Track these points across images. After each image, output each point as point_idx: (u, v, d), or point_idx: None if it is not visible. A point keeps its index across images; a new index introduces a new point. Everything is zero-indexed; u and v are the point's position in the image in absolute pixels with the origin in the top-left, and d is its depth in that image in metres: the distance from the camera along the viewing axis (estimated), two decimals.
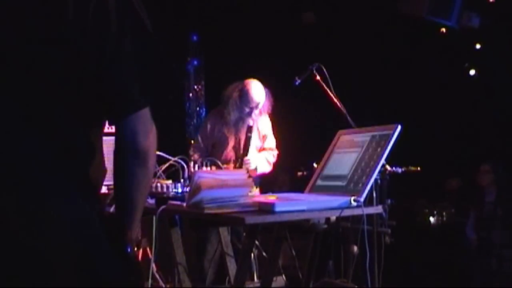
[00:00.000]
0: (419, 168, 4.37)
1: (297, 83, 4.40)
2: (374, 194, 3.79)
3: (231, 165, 4.56)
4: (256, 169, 4.61)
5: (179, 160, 3.28)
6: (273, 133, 4.91)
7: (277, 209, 2.55)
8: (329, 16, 6.74)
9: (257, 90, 4.58)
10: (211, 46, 7.63)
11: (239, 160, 4.53)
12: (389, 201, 4.31)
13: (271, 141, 4.84)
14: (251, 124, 4.56)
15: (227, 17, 7.19)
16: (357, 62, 6.43)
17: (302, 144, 6.49)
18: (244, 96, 4.55)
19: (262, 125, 4.76)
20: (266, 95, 4.63)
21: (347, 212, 2.71)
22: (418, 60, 6.22)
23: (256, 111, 4.58)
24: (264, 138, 4.79)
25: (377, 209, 2.96)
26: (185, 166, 3.30)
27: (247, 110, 4.56)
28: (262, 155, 4.75)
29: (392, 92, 6.27)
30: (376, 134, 2.96)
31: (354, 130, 3.20)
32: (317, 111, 6.34)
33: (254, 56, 7.05)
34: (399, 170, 4.27)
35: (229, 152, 4.65)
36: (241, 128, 4.61)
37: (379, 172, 3.82)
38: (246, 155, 4.54)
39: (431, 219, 6.38)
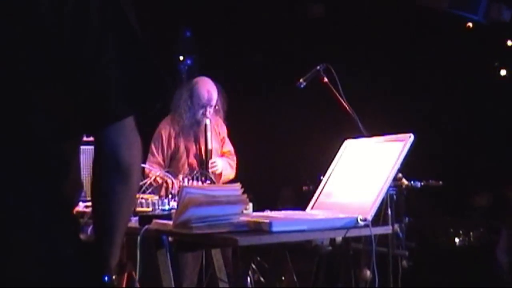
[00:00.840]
0: (440, 182, 4.41)
1: (301, 85, 4.46)
2: (389, 212, 3.84)
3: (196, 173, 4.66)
4: (221, 174, 4.74)
5: (167, 174, 3.35)
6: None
7: (274, 228, 2.61)
8: (339, 9, 6.81)
9: (207, 86, 4.75)
10: (206, 43, 7.70)
11: (204, 164, 4.65)
12: (406, 219, 4.36)
13: (229, 145, 4.98)
14: (207, 123, 4.69)
15: (225, 10, 7.26)
16: (369, 62, 6.49)
17: (307, 154, 6.55)
18: (195, 95, 4.71)
19: (219, 127, 4.92)
20: (218, 91, 4.79)
21: (353, 233, 2.77)
22: (440, 59, 6.27)
23: (210, 109, 4.72)
24: (223, 141, 4.94)
25: (387, 229, 3.02)
26: (173, 180, 3.37)
27: (200, 110, 4.70)
28: (225, 159, 4.87)
29: (409, 95, 6.33)
30: (387, 144, 3.02)
31: (363, 139, 3.26)
32: (324, 117, 6.41)
33: (256, 54, 7.14)
34: (418, 184, 4.32)
35: (192, 161, 4.75)
36: (198, 131, 4.75)
37: (395, 187, 3.88)
38: (210, 157, 4.67)
39: (456, 239, 6.40)
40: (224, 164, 4.81)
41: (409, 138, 2.96)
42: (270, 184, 7.12)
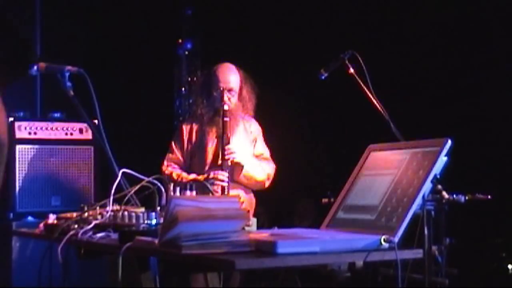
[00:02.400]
0: (489, 196, 4.41)
1: (323, 77, 4.51)
2: (426, 231, 3.85)
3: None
4: (243, 167, 4.86)
5: (154, 181, 3.38)
6: (270, 144, 5.23)
7: (280, 250, 2.63)
8: None
9: (226, 69, 5.00)
10: (209, 24, 7.74)
11: (220, 151, 4.81)
12: (447, 240, 4.36)
13: (263, 148, 5.14)
14: (226, 108, 4.86)
15: None
16: (407, 48, 6.48)
17: (329, 161, 6.58)
18: (212, 78, 4.97)
19: (250, 125, 5.10)
20: (242, 78, 5.01)
21: (375, 256, 2.79)
22: (491, 51, 6.26)
23: (229, 95, 4.91)
24: (255, 142, 5.10)
25: (417, 252, 3.03)
26: (163, 189, 3.41)
27: (217, 95, 4.90)
28: (257, 161, 5.02)
29: (451, 92, 6.31)
30: (418, 151, 3.04)
31: (389, 145, 3.28)
32: (350, 116, 6.43)
33: (266, 38, 7.15)
34: (462, 198, 4.31)
35: (214, 158, 4.92)
36: (219, 123, 4.91)
37: (434, 201, 3.89)
38: (228, 143, 4.80)
39: (510, 266, 6.40)
40: (251, 160, 4.95)
41: (446, 143, 2.97)
42: (286, 196, 7.14)
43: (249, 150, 5.03)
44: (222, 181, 4.70)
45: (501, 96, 6.11)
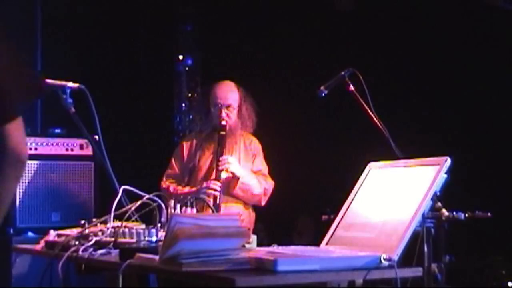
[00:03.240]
0: (489, 214, 4.42)
1: (323, 94, 4.52)
2: (426, 249, 3.86)
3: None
4: (238, 178, 4.88)
5: (155, 198, 3.40)
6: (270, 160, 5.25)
7: (280, 267, 2.64)
8: (373, 2, 6.84)
9: (225, 85, 5.10)
10: (209, 40, 7.76)
11: (215, 163, 4.85)
12: (447, 258, 4.36)
13: (262, 165, 5.17)
14: (223, 123, 4.94)
15: (231, 0, 7.32)
16: (406, 68, 6.51)
17: (329, 178, 6.58)
18: (211, 95, 5.06)
19: (250, 143, 5.15)
20: (242, 95, 5.09)
21: (374, 275, 2.81)
22: (492, 67, 6.28)
23: (227, 111, 4.98)
24: (254, 158, 5.13)
25: (417, 271, 3.05)
26: (163, 206, 3.43)
27: (215, 111, 4.99)
28: (254, 175, 5.05)
29: (452, 109, 6.34)
30: (418, 169, 3.07)
31: (389, 163, 3.30)
32: (349, 133, 6.45)
33: (267, 54, 7.17)
34: (462, 215, 4.32)
35: (211, 175, 4.93)
36: (217, 139, 4.97)
37: (433, 218, 3.91)
38: (222, 155, 4.86)
39: (510, 284, 6.40)
40: (247, 173, 4.96)
41: (445, 161, 3.00)
42: (286, 212, 7.15)
43: (249, 166, 5.06)
44: (215, 190, 4.72)
45: (502, 114, 6.14)
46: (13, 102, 2.10)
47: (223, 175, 4.82)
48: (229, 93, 5.03)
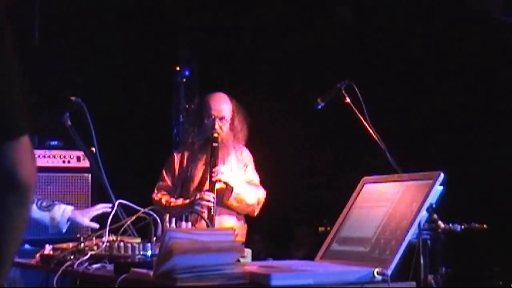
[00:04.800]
0: (485, 225, 4.43)
1: (319, 106, 4.54)
2: (422, 261, 3.87)
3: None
4: (232, 189, 4.87)
5: (150, 212, 3.42)
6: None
7: (274, 282, 2.65)
8: (370, 14, 6.87)
9: (218, 97, 5.09)
10: (207, 51, 7.78)
11: (208, 174, 4.85)
12: (443, 269, 4.37)
13: (253, 175, 5.17)
14: (215, 135, 4.94)
15: (231, 11, 7.34)
16: (403, 80, 6.53)
17: (326, 189, 6.60)
18: (204, 107, 5.05)
19: (242, 154, 5.14)
20: (235, 108, 5.08)
21: None
22: (487, 79, 6.30)
23: (220, 123, 4.98)
24: (245, 167, 5.14)
25: (410, 284, 3.06)
26: (158, 220, 3.44)
27: (209, 123, 4.98)
28: (247, 185, 5.04)
29: (450, 121, 6.35)
30: (411, 183, 3.08)
31: (383, 177, 3.32)
32: (346, 145, 6.47)
33: (265, 65, 7.19)
34: (458, 227, 4.33)
35: (202, 184, 4.95)
36: (209, 150, 4.97)
37: (430, 229, 3.92)
38: (215, 166, 4.85)
39: None
40: (240, 182, 4.96)
41: (439, 176, 3.01)
42: (284, 223, 7.17)
43: (241, 176, 5.07)
44: (208, 201, 4.72)
45: (498, 126, 6.16)
46: (20, 116, 1.86)
47: (217, 185, 4.83)
48: (223, 105, 5.04)
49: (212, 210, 4.71)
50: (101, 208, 4.08)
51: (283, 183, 6.69)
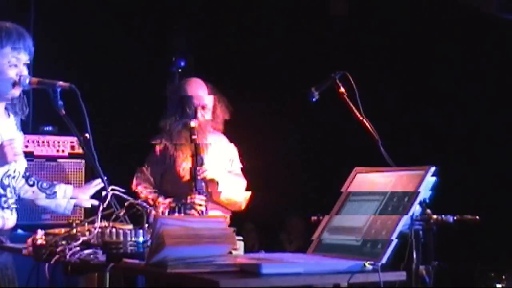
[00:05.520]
0: (478, 217, 4.43)
1: (314, 99, 4.52)
2: (414, 253, 3.87)
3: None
4: (217, 183, 4.86)
5: (142, 203, 3.41)
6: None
7: (265, 270, 2.67)
8: (366, 8, 6.86)
9: (199, 85, 5.03)
10: (202, 41, 7.77)
11: (193, 173, 4.78)
12: (435, 261, 4.38)
13: (238, 169, 5.14)
14: (193, 125, 4.86)
15: (225, 3, 7.33)
16: (398, 72, 6.53)
17: (318, 178, 6.60)
18: (185, 95, 4.97)
19: (225, 146, 5.10)
20: (215, 95, 5.05)
21: (358, 278, 2.83)
22: (483, 76, 6.31)
23: (203, 112, 4.94)
24: (231, 162, 5.12)
25: (400, 275, 3.07)
26: (152, 209, 3.44)
27: (191, 112, 4.91)
28: (231, 176, 5.02)
29: (444, 115, 6.36)
30: (403, 175, 3.09)
31: (375, 168, 3.32)
32: (340, 135, 6.47)
33: (260, 57, 7.19)
34: (450, 218, 4.33)
35: (185, 177, 4.89)
36: (188, 139, 4.90)
37: (422, 220, 3.93)
38: (202, 164, 4.80)
39: (498, 286, 6.42)
40: (226, 176, 4.94)
41: (429, 169, 3.02)
42: (276, 213, 7.17)
43: (222, 165, 5.04)
44: (200, 205, 4.68)
45: (492, 119, 6.18)
46: None
47: (202, 183, 4.79)
48: (204, 93, 5.00)
49: (205, 212, 4.70)
50: (98, 184, 4.08)
51: (276, 172, 6.71)
